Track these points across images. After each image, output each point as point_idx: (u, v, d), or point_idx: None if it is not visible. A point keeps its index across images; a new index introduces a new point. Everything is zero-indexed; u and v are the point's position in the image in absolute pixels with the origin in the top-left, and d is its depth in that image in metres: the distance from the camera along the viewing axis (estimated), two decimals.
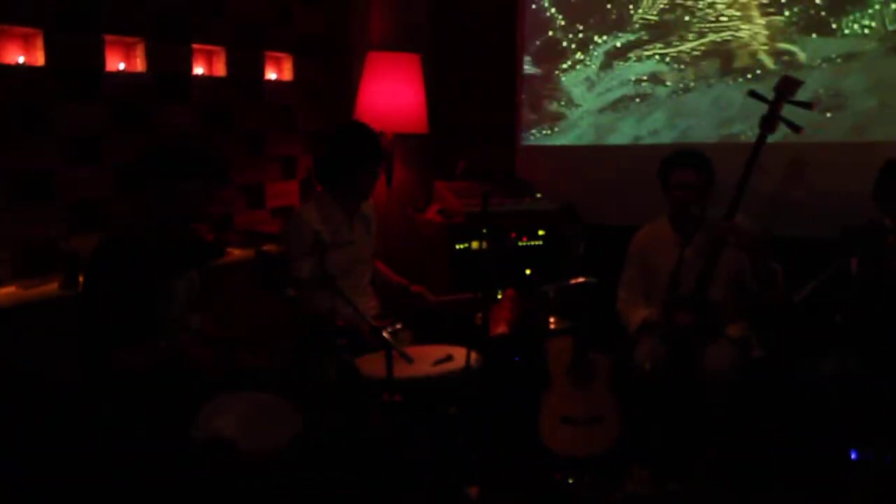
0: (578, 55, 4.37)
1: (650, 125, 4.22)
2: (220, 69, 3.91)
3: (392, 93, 4.24)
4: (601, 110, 4.36)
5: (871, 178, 3.06)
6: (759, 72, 3.89)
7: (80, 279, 2.86)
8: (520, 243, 4.04)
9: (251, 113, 4.08)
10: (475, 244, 3.95)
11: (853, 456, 2.86)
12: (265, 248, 3.46)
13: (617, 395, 3.23)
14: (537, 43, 4.49)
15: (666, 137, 4.16)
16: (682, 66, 4.09)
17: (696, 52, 4.06)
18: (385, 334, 2.57)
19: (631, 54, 4.23)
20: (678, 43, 4.10)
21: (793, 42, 3.81)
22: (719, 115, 4.02)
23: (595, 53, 4.32)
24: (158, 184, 2.47)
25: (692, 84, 4.08)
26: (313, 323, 2.99)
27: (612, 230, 3.64)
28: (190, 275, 2.60)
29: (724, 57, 3.99)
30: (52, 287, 2.95)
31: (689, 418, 3.14)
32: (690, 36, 4.06)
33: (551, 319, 3.38)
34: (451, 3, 4.72)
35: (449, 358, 2.82)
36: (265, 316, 3.12)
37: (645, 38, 4.18)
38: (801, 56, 3.79)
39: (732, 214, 3.01)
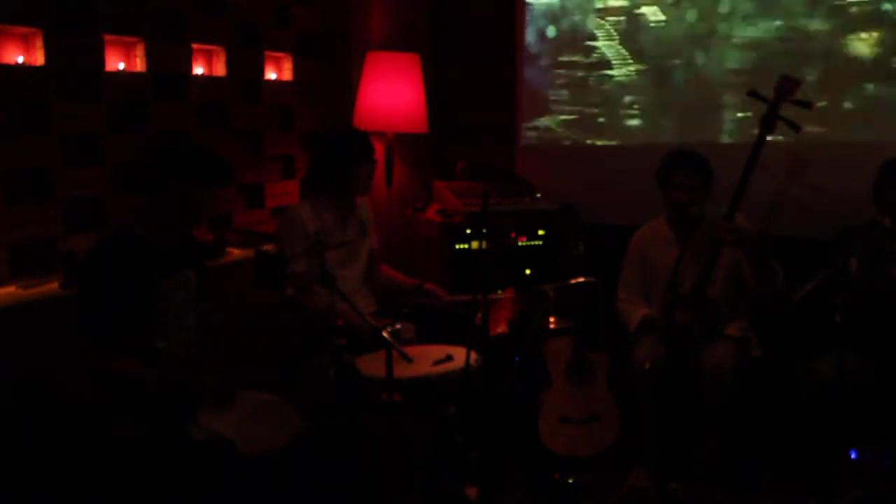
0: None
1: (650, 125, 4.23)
2: (219, 69, 3.91)
3: (392, 93, 4.24)
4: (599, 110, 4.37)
5: (872, 178, 3.06)
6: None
7: None
8: (520, 243, 4.04)
9: (251, 113, 4.08)
10: (475, 244, 3.95)
11: (853, 456, 2.86)
12: (265, 247, 3.46)
13: (616, 394, 3.23)
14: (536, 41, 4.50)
15: (666, 137, 4.16)
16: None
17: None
18: (385, 334, 2.57)
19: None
20: None
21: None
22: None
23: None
24: (167, 189, 2.47)
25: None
26: (313, 322, 2.99)
27: (612, 230, 3.64)
28: (187, 274, 2.60)
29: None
30: (52, 287, 2.94)
31: (688, 418, 3.14)
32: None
33: (551, 319, 3.38)
34: (451, 2, 4.72)
35: (449, 358, 2.82)
36: (265, 316, 3.12)
37: None
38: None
39: (732, 214, 3.02)
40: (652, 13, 4.15)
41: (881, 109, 3.63)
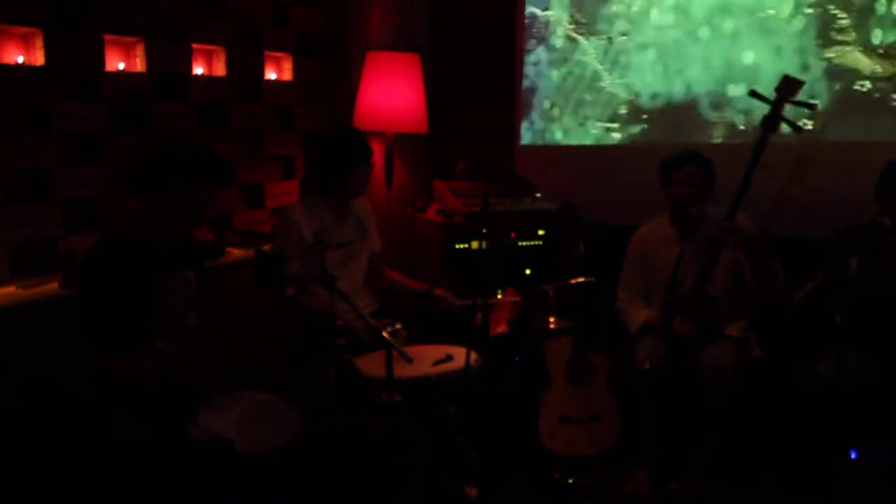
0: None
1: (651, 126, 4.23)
2: (219, 69, 3.91)
3: (391, 93, 4.24)
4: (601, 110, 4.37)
5: (871, 178, 3.06)
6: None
7: None
8: (520, 243, 4.03)
9: (251, 113, 4.08)
10: (475, 244, 3.94)
11: (853, 456, 2.86)
12: (264, 247, 3.46)
13: (616, 394, 3.23)
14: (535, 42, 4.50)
15: (666, 138, 4.16)
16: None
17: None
18: (385, 334, 2.57)
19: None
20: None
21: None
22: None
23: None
24: (167, 189, 2.47)
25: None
26: (313, 322, 2.99)
27: (612, 230, 3.64)
28: (187, 274, 2.60)
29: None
30: (52, 287, 2.94)
31: (688, 418, 3.14)
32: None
33: (551, 319, 3.38)
34: (451, 2, 4.72)
35: (449, 358, 2.82)
36: (265, 316, 3.12)
37: None
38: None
39: (733, 214, 3.02)
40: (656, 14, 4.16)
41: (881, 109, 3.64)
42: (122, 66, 3.42)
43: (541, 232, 4.06)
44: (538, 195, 4.25)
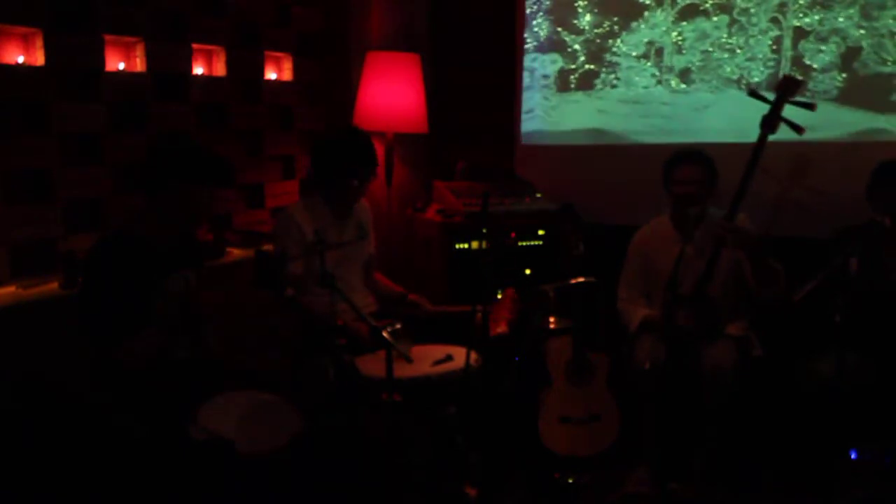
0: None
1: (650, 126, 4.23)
2: (219, 69, 3.91)
3: (391, 92, 4.24)
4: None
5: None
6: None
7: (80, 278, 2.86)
8: (520, 243, 4.04)
9: (251, 113, 4.08)
10: (475, 244, 3.95)
11: (853, 456, 2.87)
12: (264, 247, 3.46)
13: (616, 394, 3.23)
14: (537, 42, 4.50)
15: (666, 137, 4.16)
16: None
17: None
18: (385, 334, 2.57)
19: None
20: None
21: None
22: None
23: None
24: (167, 189, 2.47)
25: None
26: (313, 322, 2.99)
27: (612, 230, 3.64)
28: (187, 274, 2.60)
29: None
30: (52, 287, 2.95)
31: (688, 418, 3.14)
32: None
33: (551, 319, 3.38)
34: (451, 2, 4.72)
35: (448, 358, 2.82)
36: (265, 316, 3.12)
37: None
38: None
39: (733, 215, 3.01)
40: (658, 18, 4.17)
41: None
42: (122, 66, 3.42)
43: (541, 232, 4.06)
44: (538, 195, 4.25)
